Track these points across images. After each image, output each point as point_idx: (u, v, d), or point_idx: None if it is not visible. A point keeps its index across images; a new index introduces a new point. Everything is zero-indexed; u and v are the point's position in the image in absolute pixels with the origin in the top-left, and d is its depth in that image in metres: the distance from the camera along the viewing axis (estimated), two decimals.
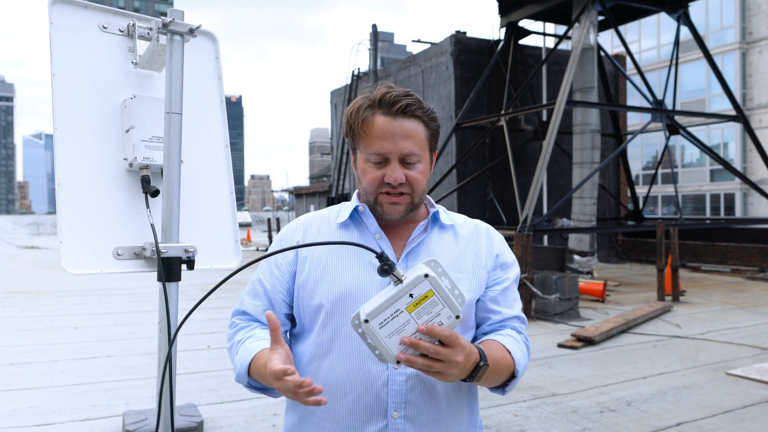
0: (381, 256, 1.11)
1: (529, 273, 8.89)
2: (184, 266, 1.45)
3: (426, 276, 1.08)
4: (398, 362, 1.10)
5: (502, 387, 1.34)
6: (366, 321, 1.08)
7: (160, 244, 1.40)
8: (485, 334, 1.39)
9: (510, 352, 1.31)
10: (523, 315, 1.45)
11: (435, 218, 1.41)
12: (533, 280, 8.95)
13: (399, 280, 1.10)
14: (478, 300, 1.39)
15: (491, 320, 1.39)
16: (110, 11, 1.57)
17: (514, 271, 1.45)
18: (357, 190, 1.44)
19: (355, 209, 1.39)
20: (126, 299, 10.40)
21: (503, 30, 15.79)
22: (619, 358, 6.43)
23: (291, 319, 1.42)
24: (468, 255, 1.39)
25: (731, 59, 26.34)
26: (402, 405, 1.27)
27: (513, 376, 1.33)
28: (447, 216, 1.44)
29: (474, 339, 1.40)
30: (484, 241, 1.43)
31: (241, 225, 38.47)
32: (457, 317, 1.11)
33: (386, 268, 1.11)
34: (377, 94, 1.31)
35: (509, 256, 1.45)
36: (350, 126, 1.35)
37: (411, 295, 1.08)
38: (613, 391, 5.27)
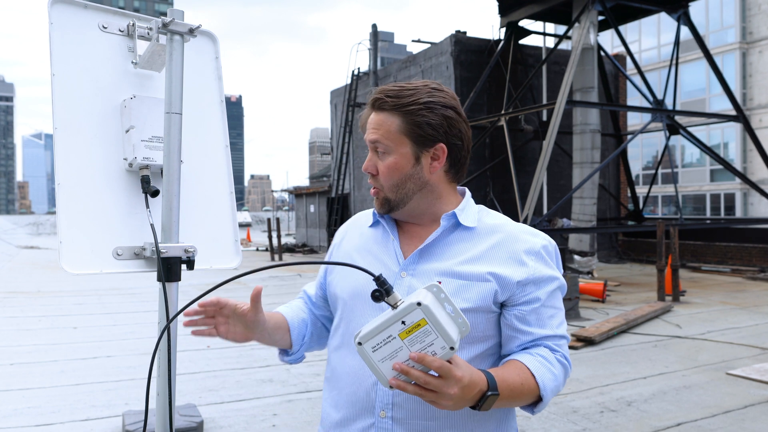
0: (378, 279, 1.09)
1: None
2: (183, 266, 1.45)
3: (419, 304, 1.04)
4: (391, 386, 1.09)
5: (530, 406, 1.29)
6: (360, 343, 1.07)
7: (159, 244, 1.40)
8: (512, 353, 1.32)
9: (534, 376, 1.24)
10: (562, 331, 1.33)
11: (453, 220, 1.34)
12: None
13: (393, 306, 1.07)
14: (501, 315, 1.32)
15: (520, 341, 1.30)
16: (110, 11, 1.56)
17: (550, 287, 1.31)
18: None
19: (374, 212, 1.45)
20: (126, 299, 10.40)
21: (503, 30, 15.79)
22: (619, 358, 6.43)
23: None
24: (481, 263, 1.30)
25: (731, 59, 26.33)
26: (389, 406, 1.28)
27: (540, 399, 1.26)
28: (470, 217, 1.36)
29: (501, 357, 1.34)
30: (508, 252, 1.32)
31: (241, 225, 38.47)
32: (452, 348, 1.06)
33: (377, 294, 1.08)
34: None
35: (545, 270, 1.31)
36: (362, 128, 1.42)
37: (403, 323, 1.05)
38: (614, 391, 5.27)
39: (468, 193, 1.43)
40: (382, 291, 1.08)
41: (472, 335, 1.29)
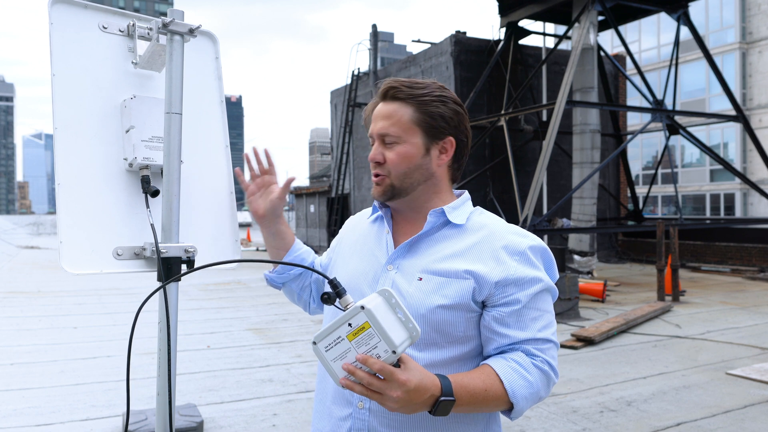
0: (331, 282, 1.15)
1: None
2: (184, 266, 1.45)
3: (362, 308, 1.08)
4: (342, 386, 1.14)
5: (506, 413, 1.26)
6: (314, 343, 1.12)
7: (160, 244, 1.40)
8: (490, 356, 1.30)
9: (503, 382, 1.21)
10: (546, 335, 1.28)
11: (443, 218, 1.34)
12: None
13: (344, 309, 1.12)
14: (482, 316, 1.29)
15: (498, 343, 1.27)
16: (110, 11, 1.57)
17: (533, 289, 1.27)
18: None
19: (374, 206, 1.48)
20: (126, 299, 10.40)
21: (503, 30, 15.78)
22: (619, 358, 6.43)
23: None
24: (461, 260, 1.28)
25: (731, 59, 26.34)
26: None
27: (512, 406, 1.23)
28: (461, 215, 1.35)
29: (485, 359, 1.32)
30: (489, 250, 1.29)
31: (241, 225, 38.48)
32: (394, 352, 1.08)
33: (326, 297, 1.14)
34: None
35: (528, 271, 1.27)
36: (366, 120, 1.42)
37: (350, 325, 1.10)
38: (613, 391, 5.27)
39: (466, 194, 1.43)
40: (331, 294, 1.14)
41: (452, 335, 1.27)
